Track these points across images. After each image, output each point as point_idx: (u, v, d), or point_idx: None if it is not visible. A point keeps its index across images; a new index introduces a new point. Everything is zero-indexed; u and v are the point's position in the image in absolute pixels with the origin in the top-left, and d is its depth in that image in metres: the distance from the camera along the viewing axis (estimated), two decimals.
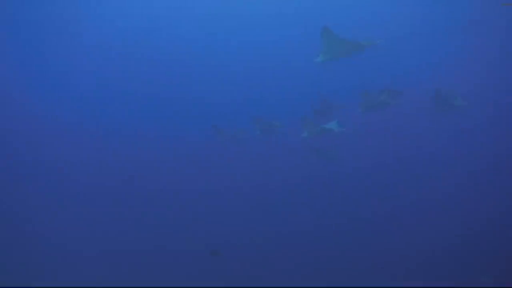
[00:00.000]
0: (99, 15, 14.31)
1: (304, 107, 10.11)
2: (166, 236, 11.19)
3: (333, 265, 10.29)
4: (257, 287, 9.40)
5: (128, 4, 14.41)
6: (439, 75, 13.07)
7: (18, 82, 13.98)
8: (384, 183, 12.05)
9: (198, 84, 14.32)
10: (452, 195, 11.58)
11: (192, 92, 14.11)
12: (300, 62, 8.73)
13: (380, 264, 10.25)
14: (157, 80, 14.52)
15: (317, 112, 10.02)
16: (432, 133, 12.05)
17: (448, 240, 10.51)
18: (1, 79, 13.77)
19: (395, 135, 12.21)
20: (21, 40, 14.11)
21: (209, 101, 13.75)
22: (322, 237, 11.11)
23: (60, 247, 10.76)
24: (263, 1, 15.11)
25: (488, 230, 10.45)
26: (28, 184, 12.24)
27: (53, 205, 11.87)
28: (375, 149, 12.27)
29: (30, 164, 12.76)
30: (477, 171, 11.90)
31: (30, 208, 11.71)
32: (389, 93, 9.91)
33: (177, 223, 11.57)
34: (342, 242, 11.01)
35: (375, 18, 14.52)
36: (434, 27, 14.88)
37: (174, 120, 13.84)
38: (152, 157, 13.19)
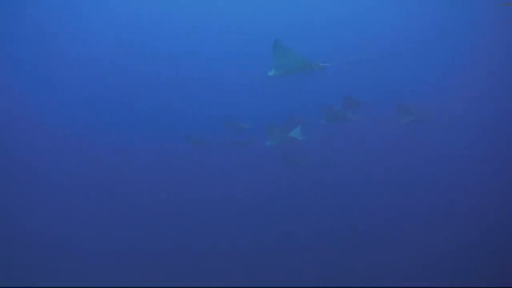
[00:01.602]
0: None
1: (271, 118, 10.56)
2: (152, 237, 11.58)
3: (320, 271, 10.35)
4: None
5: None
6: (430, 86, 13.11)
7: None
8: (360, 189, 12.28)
9: (174, 94, 14.92)
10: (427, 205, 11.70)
11: (167, 100, 14.77)
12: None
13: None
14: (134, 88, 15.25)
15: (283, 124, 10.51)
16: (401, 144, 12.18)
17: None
18: None
19: (366, 143, 12.40)
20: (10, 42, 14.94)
21: (182, 110, 14.35)
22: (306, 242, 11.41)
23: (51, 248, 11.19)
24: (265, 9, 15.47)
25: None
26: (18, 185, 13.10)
27: (45, 206, 12.37)
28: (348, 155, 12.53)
29: (20, 165, 13.65)
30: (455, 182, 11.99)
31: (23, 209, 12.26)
32: (351, 104, 10.26)
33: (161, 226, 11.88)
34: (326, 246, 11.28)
35: (374, 27, 14.59)
36: (429, 29, 14.71)
37: (153, 126, 14.39)
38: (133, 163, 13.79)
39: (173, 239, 11.46)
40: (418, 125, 10.13)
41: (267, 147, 10.38)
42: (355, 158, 12.41)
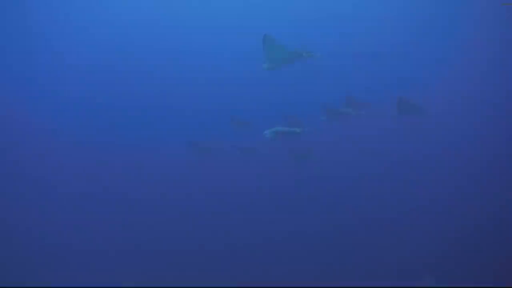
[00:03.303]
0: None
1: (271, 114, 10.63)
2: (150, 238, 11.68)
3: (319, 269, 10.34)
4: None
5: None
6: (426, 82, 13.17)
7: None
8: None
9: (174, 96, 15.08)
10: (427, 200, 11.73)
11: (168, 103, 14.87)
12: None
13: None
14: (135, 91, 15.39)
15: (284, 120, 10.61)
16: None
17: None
18: None
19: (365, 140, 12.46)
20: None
21: (185, 112, 14.41)
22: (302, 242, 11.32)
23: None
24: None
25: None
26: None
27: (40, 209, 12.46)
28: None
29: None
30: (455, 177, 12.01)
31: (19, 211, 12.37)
32: (355, 105, 10.31)
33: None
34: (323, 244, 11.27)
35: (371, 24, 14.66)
36: (429, 28, 14.80)
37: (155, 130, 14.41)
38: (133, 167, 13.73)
39: (175, 240, 11.51)
40: (417, 120, 10.14)
41: (269, 148, 10.43)
42: (354, 154, 12.45)
